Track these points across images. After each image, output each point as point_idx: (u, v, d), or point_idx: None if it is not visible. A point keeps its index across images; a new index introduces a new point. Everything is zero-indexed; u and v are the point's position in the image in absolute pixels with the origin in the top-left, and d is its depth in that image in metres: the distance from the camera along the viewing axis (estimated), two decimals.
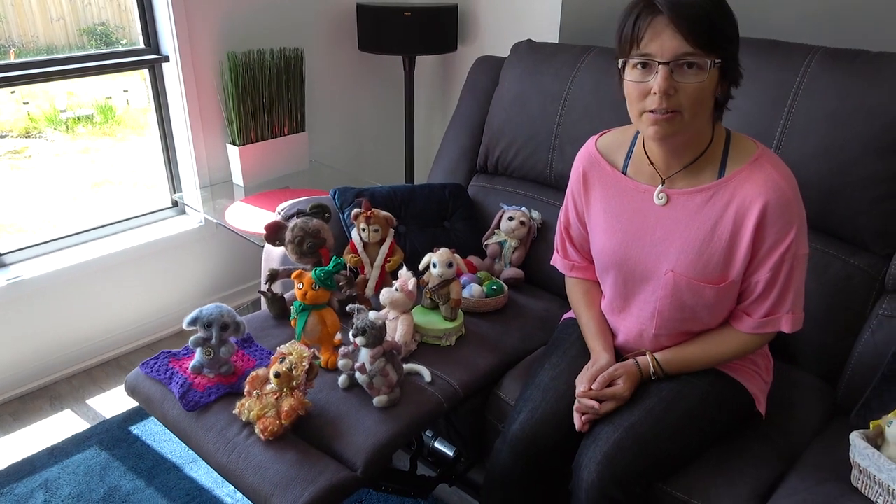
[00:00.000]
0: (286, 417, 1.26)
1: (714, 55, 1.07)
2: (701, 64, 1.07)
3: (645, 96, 1.11)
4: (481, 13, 2.57)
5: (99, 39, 2.52)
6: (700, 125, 1.17)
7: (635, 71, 1.12)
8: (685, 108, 1.10)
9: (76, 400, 2.14)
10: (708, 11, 1.06)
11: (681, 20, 1.05)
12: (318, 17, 2.57)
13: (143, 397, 1.43)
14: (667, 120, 1.11)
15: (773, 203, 1.14)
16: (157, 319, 2.46)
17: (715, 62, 1.08)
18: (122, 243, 2.29)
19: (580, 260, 1.48)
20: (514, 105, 1.98)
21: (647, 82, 1.10)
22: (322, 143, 2.77)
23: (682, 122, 1.12)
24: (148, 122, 2.45)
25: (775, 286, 1.19)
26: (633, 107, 1.15)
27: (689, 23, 1.05)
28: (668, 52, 1.07)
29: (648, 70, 1.10)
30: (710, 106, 1.15)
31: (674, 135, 1.14)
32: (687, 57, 1.07)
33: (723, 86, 1.14)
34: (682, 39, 1.06)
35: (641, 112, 1.13)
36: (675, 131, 1.13)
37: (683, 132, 1.14)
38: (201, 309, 1.41)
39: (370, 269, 1.71)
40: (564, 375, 1.35)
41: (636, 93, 1.12)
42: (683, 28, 1.05)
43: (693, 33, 1.05)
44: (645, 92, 1.11)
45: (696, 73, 1.08)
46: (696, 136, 1.19)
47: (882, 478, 1.09)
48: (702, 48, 1.06)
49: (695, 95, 1.09)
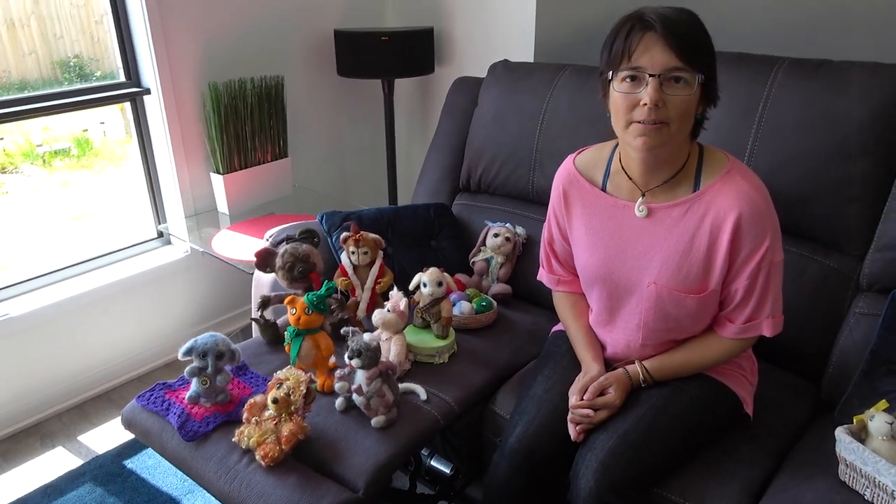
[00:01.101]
0: (286, 443, 1.27)
1: (699, 71, 1.13)
2: (688, 78, 1.13)
3: (633, 108, 1.16)
4: (457, 35, 2.62)
5: (73, 72, 2.53)
6: (682, 139, 1.22)
7: (625, 83, 1.16)
8: (672, 120, 1.15)
9: (68, 437, 2.13)
10: (694, 30, 1.13)
11: (671, 36, 1.11)
12: (297, 45, 2.61)
13: (141, 430, 1.44)
14: (655, 130, 1.15)
15: (747, 214, 1.19)
16: (147, 351, 2.46)
17: (700, 78, 1.13)
18: (108, 277, 2.29)
19: (565, 274, 1.51)
20: (494, 124, 2.03)
21: (637, 94, 1.15)
22: (305, 168, 2.80)
23: (668, 134, 1.16)
24: (126, 153, 2.45)
25: (754, 293, 1.24)
26: (619, 119, 1.19)
27: (679, 39, 1.11)
28: (659, 66, 1.12)
29: (638, 83, 1.15)
30: (692, 122, 1.20)
31: (660, 145, 1.18)
32: (676, 71, 1.12)
33: (702, 105, 1.20)
34: (672, 54, 1.11)
35: (629, 123, 1.18)
36: (662, 142, 1.17)
37: (668, 143, 1.19)
38: (196, 339, 1.43)
39: (361, 291, 1.73)
40: (557, 387, 1.38)
41: (625, 104, 1.17)
42: (673, 43, 1.11)
43: (682, 49, 1.11)
44: (634, 103, 1.15)
45: (683, 87, 1.13)
46: (677, 150, 1.24)
47: (868, 470, 1.13)
48: (689, 63, 1.12)
49: (682, 108, 1.14)
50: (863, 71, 1.47)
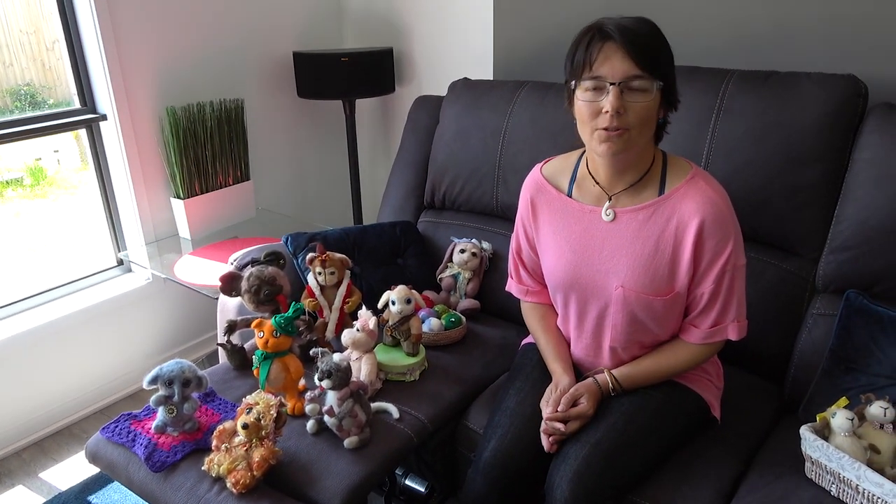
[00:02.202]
0: (258, 468, 1.25)
1: (658, 78, 1.17)
2: (647, 85, 1.16)
3: (597, 115, 1.19)
4: (416, 55, 2.65)
5: (24, 100, 2.48)
6: (645, 144, 1.25)
7: (588, 92, 1.20)
8: (633, 126, 1.19)
9: (28, 474, 2.05)
10: (651, 39, 1.17)
11: (630, 45, 1.15)
12: (255, 68, 2.60)
13: (106, 463, 1.40)
14: (617, 136, 1.19)
15: (710, 219, 1.22)
16: (109, 383, 2.39)
17: (659, 85, 1.17)
18: (66, 307, 2.23)
19: (534, 284, 1.53)
20: (456, 141, 2.05)
21: (599, 102, 1.18)
22: (268, 191, 2.78)
23: (630, 139, 1.20)
24: (82, 181, 2.40)
25: (719, 297, 1.27)
26: (584, 126, 1.23)
27: (637, 48, 1.15)
28: (619, 74, 1.16)
29: (600, 91, 1.18)
30: (654, 127, 1.24)
31: (623, 150, 1.22)
32: (635, 79, 1.16)
33: (663, 110, 1.24)
34: (631, 62, 1.15)
35: (594, 130, 1.21)
36: (625, 147, 1.21)
37: (631, 148, 1.22)
38: (161, 367, 1.39)
39: (329, 311, 1.72)
40: (529, 399, 1.39)
41: (588, 112, 1.20)
42: (632, 52, 1.15)
43: (640, 57, 1.15)
44: (597, 111, 1.19)
45: (642, 94, 1.17)
46: (641, 155, 1.28)
47: (832, 467, 1.17)
48: (648, 71, 1.15)
49: (642, 114, 1.18)
50: (808, 81, 1.53)
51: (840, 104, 1.49)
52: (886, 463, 1.17)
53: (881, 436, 1.19)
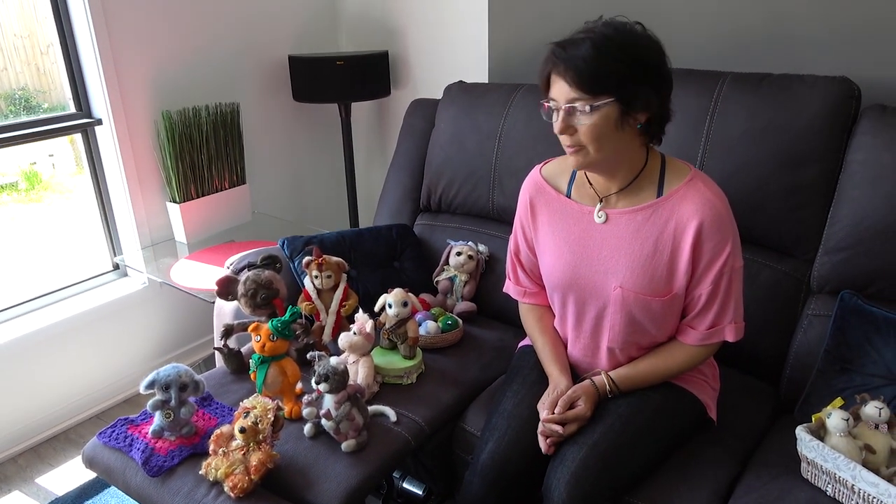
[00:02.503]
0: (255, 472, 1.25)
1: (602, 96, 1.17)
2: (584, 108, 1.18)
3: (559, 134, 1.24)
4: (412, 58, 2.66)
5: (18, 105, 2.48)
6: (617, 154, 1.25)
7: (550, 111, 1.24)
8: (586, 144, 1.22)
9: (24, 480, 2.05)
10: (591, 60, 1.16)
11: (566, 71, 1.18)
12: (251, 71, 2.60)
13: (103, 468, 1.40)
14: (576, 153, 1.24)
15: (708, 220, 1.23)
16: (106, 387, 2.39)
17: (603, 102, 1.17)
18: (62, 312, 2.23)
19: (532, 286, 1.54)
20: (452, 144, 2.05)
21: (556, 124, 1.23)
22: (264, 195, 2.78)
23: (589, 155, 1.23)
24: (77, 185, 2.40)
25: (716, 298, 1.28)
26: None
27: (576, 72, 1.17)
28: (563, 98, 1.20)
29: (557, 112, 1.23)
30: (620, 139, 1.22)
31: (588, 165, 1.26)
32: (575, 101, 1.19)
33: (632, 118, 1.21)
34: (570, 87, 1.18)
35: (564, 146, 1.26)
36: (588, 163, 1.25)
37: (598, 163, 1.25)
38: (158, 371, 1.40)
39: (325, 315, 1.72)
40: (526, 401, 1.39)
41: (555, 129, 1.25)
42: (569, 77, 1.18)
43: (579, 80, 1.17)
44: (558, 129, 1.24)
45: (587, 115, 1.19)
46: (623, 162, 1.28)
47: (828, 467, 1.17)
48: (587, 93, 1.17)
49: (591, 133, 1.20)
50: (802, 84, 1.54)
51: (833, 106, 1.50)
52: (882, 463, 1.17)
53: (876, 436, 1.19)
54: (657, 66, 1.21)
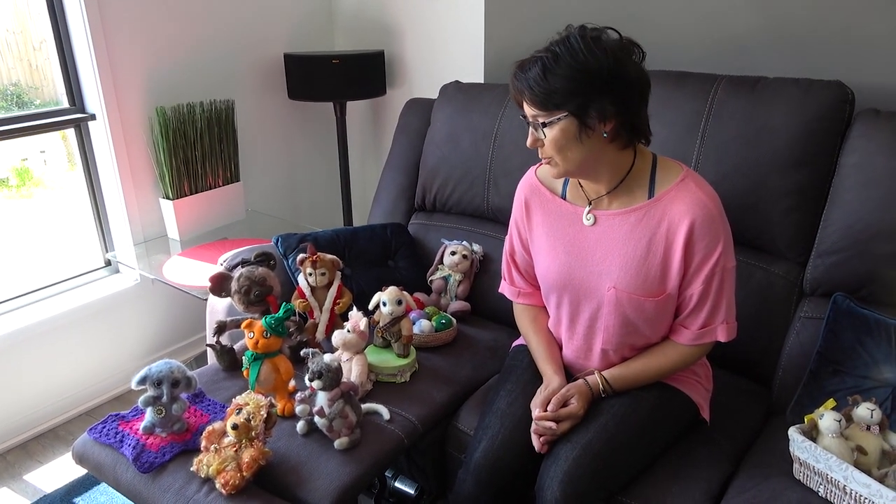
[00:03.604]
0: (247, 469, 1.24)
1: (556, 112, 1.20)
2: (544, 121, 1.22)
3: None
4: (408, 57, 2.65)
5: (10, 100, 2.46)
6: (588, 162, 1.26)
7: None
8: (552, 155, 1.26)
9: (12, 477, 2.03)
10: (540, 80, 1.20)
11: (522, 91, 1.23)
12: (246, 69, 2.59)
13: (93, 464, 1.38)
14: (548, 164, 1.29)
15: (700, 220, 1.23)
16: (96, 384, 2.37)
17: (557, 118, 1.20)
18: (54, 308, 2.21)
19: (526, 286, 1.54)
20: (447, 144, 2.05)
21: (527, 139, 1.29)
22: (258, 192, 2.77)
23: (558, 166, 1.28)
24: (69, 182, 2.38)
25: (708, 298, 1.28)
26: None
27: (528, 92, 1.22)
28: (529, 114, 1.26)
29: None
30: (586, 147, 1.23)
31: (562, 175, 1.30)
32: (536, 117, 1.23)
33: (591, 129, 1.21)
34: (529, 105, 1.24)
35: None
36: (561, 173, 1.29)
37: (571, 171, 1.29)
38: (150, 367, 1.39)
39: (319, 312, 1.72)
40: (520, 400, 1.39)
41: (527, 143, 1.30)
42: (527, 97, 1.24)
43: (532, 100, 1.23)
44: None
45: (548, 129, 1.23)
46: (600, 167, 1.28)
47: (820, 468, 1.18)
48: (542, 109, 1.22)
49: (553, 146, 1.24)
50: (796, 87, 1.54)
51: (827, 110, 1.50)
52: (873, 464, 1.18)
53: (868, 437, 1.20)
54: (615, 75, 1.17)
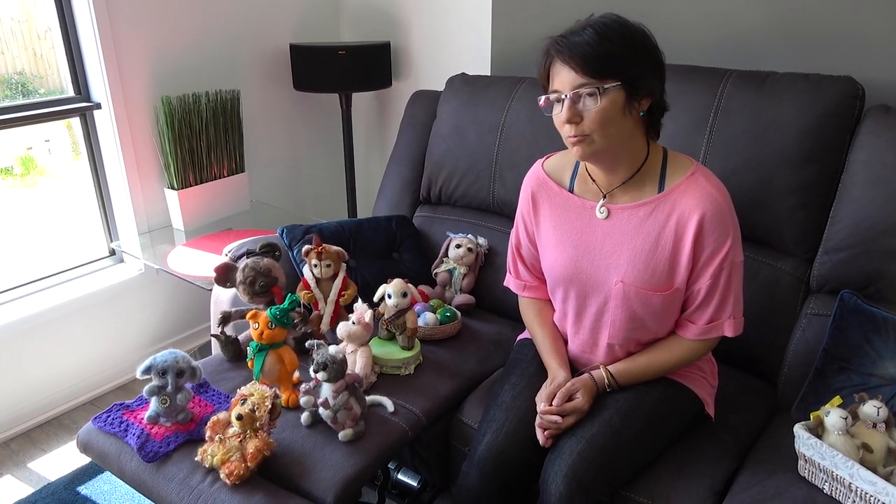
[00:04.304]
0: (252, 459, 1.24)
1: (609, 80, 1.17)
2: (593, 91, 1.18)
3: (562, 126, 1.23)
4: (414, 49, 2.64)
5: (14, 89, 2.45)
6: (621, 142, 1.25)
7: (552, 105, 1.24)
8: (592, 131, 1.21)
9: (16, 464, 2.04)
10: (598, 42, 1.17)
11: (571, 57, 1.18)
12: (252, 59, 2.58)
13: (98, 453, 1.39)
14: (581, 142, 1.22)
15: (710, 215, 1.23)
16: (100, 373, 2.37)
17: (611, 86, 1.17)
18: (58, 297, 2.21)
19: (532, 280, 1.53)
20: (453, 136, 2.04)
21: (560, 114, 1.22)
22: (262, 183, 2.76)
23: (594, 143, 1.22)
24: (73, 171, 2.38)
25: (716, 293, 1.28)
26: (561, 133, 1.26)
27: (580, 57, 1.17)
28: (567, 86, 1.19)
29: (559, 104, 1.22)
30: (625, 125, 1.22)
31: (593, 154, 1.24)
32: (582, 87, 1.18)
33: (637, 103, 1.22)
34: (575, 73, 1.18)
35: (565, 137, 1.25)
36: (593, 151, 1.23)
37: (603, 151, 1.24)
38: (155, 356, 1.39)
39: (324, 304, 1.71)
40: (525, 394, 1.39)
41: (557, 123, 1.24)
42: (573, 63, 1.18)
43: (584, 65, 1.17)
44: (561, 122, 1.23)
45: (593, 100, 1.18)
46: (625, 152, 1.27)
47: (825, 465, 1.17)
48: (594, 76, 1.17)
49: (598, 119, 1.19)
50: (805, 83, 1.53)
51: (837, 106, 1.49)
52: (879, 462, 1.18)
53: (874, 435, 1.19)
54: (655, 53, 1.22)
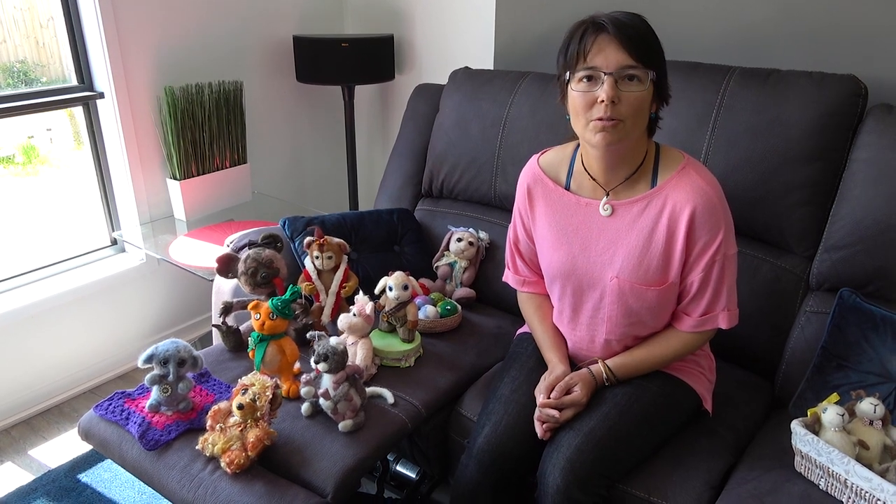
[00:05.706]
0: (252, 449, 1.25)
1: (651, 69, 1.18)
2: (641, 76, 1.17)
3: (591, 106, 1.19)
4: (417, 43, 2.64)
5: (17, 78, 2.45)
6: (638, 136, 1.26)
7: (582, 83, 1.20)
8: (627, 117, 1.19)
9: (17, 451, 2.05)
10: (644, 31, 1.19)
11: (623, 37, 1.16)
12: (255, 50, 2.58)
13: (99, 440, 1.40)
14: (612, 126, 1.19)
15: (701, 208, 1.24)
16: (101, 362, 2.38)
17: (652, 75, 1.18)
18: (59, 286, 2.22)
19: (530, 275, 1.54)
20: (456, 130, 2.04)
21: (594, 92, 1.18)
22: (265, 175, 2.77)
23: (624, 130, 1.20)
24: (75, 160, 2.38)
25: (709, 285, 1.28)
26: (579, 118, 1.23)
27: (631, 39, 1.16)
28: (613, 64, 1.16)
29: (594, 82, 1.19)
30: (645, 121, 1.24)
31: (618, 141, 1.21)
32: (629, 69, 1.17)
33: (655, 103, 1.25)
34: (625, 53, 1.16)
35: (588, 121, 1.21)
36: (619, 138, 1.21)
37: (625, 139, 1.22)
38: (157, 346, 1.39)
39: (325, 296, 1.72)
40: (524, 387, 1.40)
41: (583, 103, 1.20)
42: (626, 43, 1.16)
43: (634, 48, 1.16)
44: (591, 102, 1.19)
45: (636, 84, 1.18)
46: (635, 148, 1.28)
47: (822, 461, 1.18)
48: (641, 61, 1.17)
49: (636, 105, 1.18)
50: (809, 80, 1.54)
51: (839, 104, 1.50)
52: (875, 458, 1.19)
53: (870, 432, 1.20)
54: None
